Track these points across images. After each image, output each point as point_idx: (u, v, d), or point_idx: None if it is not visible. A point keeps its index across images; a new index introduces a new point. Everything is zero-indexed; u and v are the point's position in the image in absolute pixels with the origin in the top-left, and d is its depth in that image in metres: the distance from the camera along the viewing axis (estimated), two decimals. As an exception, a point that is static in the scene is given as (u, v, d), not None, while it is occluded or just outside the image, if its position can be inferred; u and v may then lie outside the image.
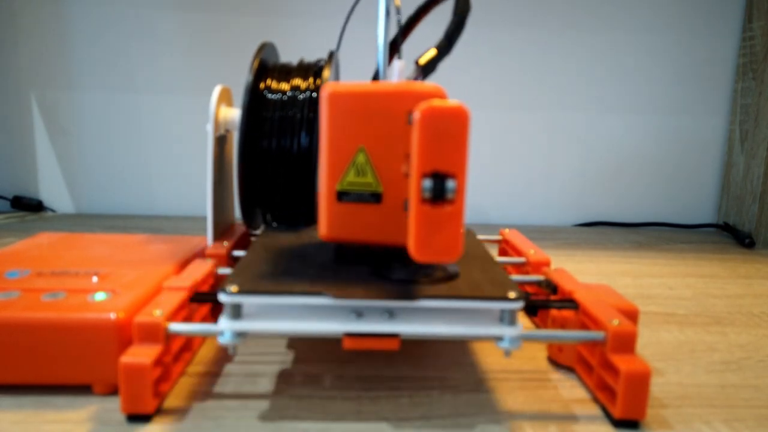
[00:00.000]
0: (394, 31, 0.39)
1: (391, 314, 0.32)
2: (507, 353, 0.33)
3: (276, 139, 0.44)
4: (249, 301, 0.32)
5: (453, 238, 0.28)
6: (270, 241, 0.43)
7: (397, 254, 0.36)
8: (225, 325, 0.32)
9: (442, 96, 0.32)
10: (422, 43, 0.47)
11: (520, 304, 0.32)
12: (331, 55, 0.47)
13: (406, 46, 0.58)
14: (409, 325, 0.32)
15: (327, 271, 0.36)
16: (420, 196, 0.27)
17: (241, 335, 0.32)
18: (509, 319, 0.32)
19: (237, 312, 0.32)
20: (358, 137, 0.33)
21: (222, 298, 0.31)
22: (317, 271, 0.36)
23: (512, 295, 0.32)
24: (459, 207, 0.28)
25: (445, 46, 0.36)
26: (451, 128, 0.27)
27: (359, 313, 0.32)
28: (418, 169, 0.27)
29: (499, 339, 0.32)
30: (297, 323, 0.32)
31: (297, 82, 0.46)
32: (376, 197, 0.33)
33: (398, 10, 0.39)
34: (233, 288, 0.31)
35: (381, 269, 0.36)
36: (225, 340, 0.32)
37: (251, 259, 0.38)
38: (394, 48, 0.41)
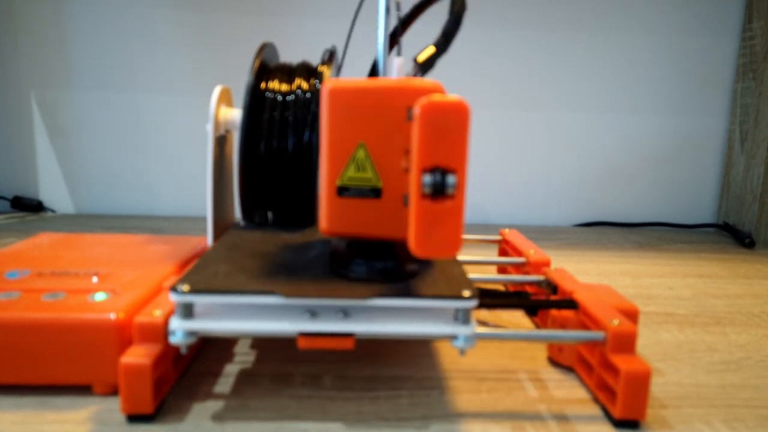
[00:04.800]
0: (393, 27, 0.39)
1: (345, 313, 0.32)
2: (462, 352, 0.32)
3: (277, 140, 0.44)
4: (200, 300, 0.31)
5: (453, 234, 0.28)
6: (234, 240, 0.42)
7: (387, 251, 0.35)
8: (176, 324, 0.31)
9: (441, 92, 0.32)
10: (420, 41, 0.47)
11: (473, 303, 0.31)
12: (332, 54, 0.47)
13: (404, 44, 0.58)
14: (364, 325, 0.31)
15: (284, 269, 0.35)
16: (420, 192, 0.27)
17: (193, 335, 0.31)
18: (463, 317, 0.32)
19: (189, 311, 0.31)
20: (358, 133, 0.33)
21: (172, 297, 0.31)
22: (275, 269, 0.35)
23: (467, 293, 0.31)
24: (459, 202, 0.27)
25: (442, 44, 0.36)
26: (451, 123, 0.27)
27: (313, 313, 0.32)
28: (418, 164, 0.27)
29: (453, 338, 0.32)
30: (250, 323, 0.31)
31: (298, 82, 0.46)
32: (375, 192, 0.33)
33: (398, 6, 0.39)
34: (184, 287, 0.31)
35: (339, 267, 0.35)
36: (176, 339, 0.31)
37: (210, 257, 0.37)
38: (392, 44, 0.40)
